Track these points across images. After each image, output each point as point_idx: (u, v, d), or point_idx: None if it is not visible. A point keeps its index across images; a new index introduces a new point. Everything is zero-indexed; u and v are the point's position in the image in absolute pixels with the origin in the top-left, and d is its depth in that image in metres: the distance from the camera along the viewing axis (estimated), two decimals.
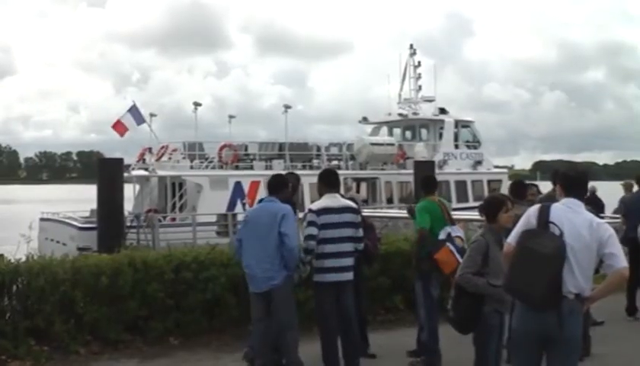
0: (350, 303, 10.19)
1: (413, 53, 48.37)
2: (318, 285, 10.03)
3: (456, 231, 10.65)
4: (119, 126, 35.35)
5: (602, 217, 10.03)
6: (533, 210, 7.12)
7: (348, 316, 10.20)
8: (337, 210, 10.03)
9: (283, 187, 10.14)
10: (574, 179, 7.21)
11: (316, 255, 9.85)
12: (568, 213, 6.91)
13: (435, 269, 10.51)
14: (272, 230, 9.54)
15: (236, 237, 10.03)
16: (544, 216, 6.92)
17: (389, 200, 38.83)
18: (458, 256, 10.22)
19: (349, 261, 10.06)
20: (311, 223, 9.86)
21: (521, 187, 11.74)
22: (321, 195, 10.29)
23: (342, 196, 10.66)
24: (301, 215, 10.78)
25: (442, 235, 10.51)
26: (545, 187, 12.70)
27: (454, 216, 11.47)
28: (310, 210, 10.04)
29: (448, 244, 10.41)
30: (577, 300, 6.78)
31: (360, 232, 10.22)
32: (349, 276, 10.06)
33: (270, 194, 10.02)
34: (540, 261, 6.71)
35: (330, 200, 10.11)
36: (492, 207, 8.73)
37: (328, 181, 10.41)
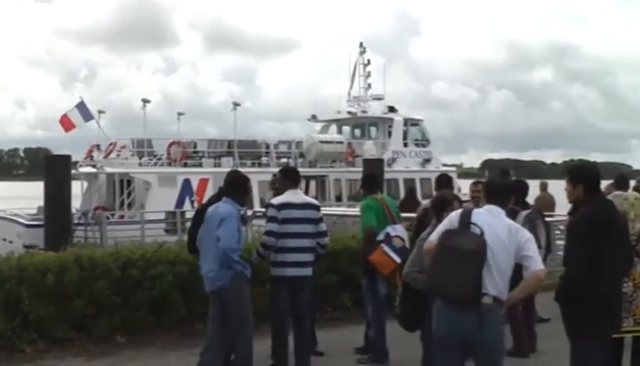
0: (306, 299, 10.24)
1: (363, 52, 48.43)
2: (275, 279, 10.05)
3: (397, 230, 10.67)
4: (65, 121, 35.02)
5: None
6: (455, 213, 7.23)
7: (303, 312, 10.25)
8: (299, 205, 10.09)
9: (236, 189, 9.98)
10: (496, 189, 7.43)
11: (276, 249, 9.90)
12: (488, 218, 7.01)
13: (374, 269, 10.57)
14: (216, 232, 9.54)
15: (198, 235, 9.99)
16: (466, 218, 7.01)
17: (338, 198, 38.88)
18: (394, 256, 10.29)
19: (309, 257, 10.12)
20: (271, 219, 9.92)
21: (446, 180, 11.73)
22: (283, 191, 10.32)
23: None
24: (250, 213, 10.81)
25: (380, 236, 10.56)
26: None
27: (401, 215, 11.54)
28: (271, 205, 10.12)
29: (382, 245, 10.45)
30: (497, 302, 6.85)
31: (322, 227, 10.29)
32: (308, 272, 10.12)
33: (227, 194, 9.84)
34: (462, 257, 6.77)
35: (292, 196, 10.16)
36: (439, 205, 8.82)
37: (290, 178, 10.48)
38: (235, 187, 9.88)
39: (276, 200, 10.14)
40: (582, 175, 7.70)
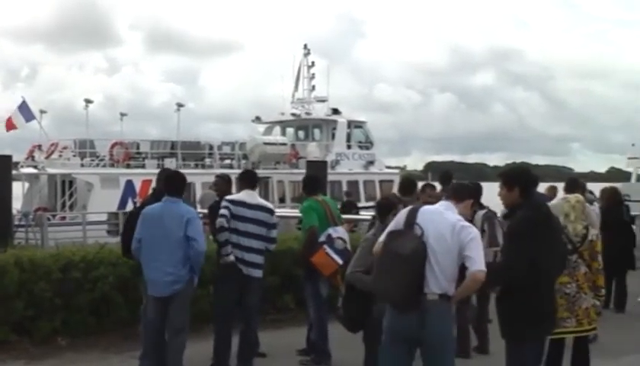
0: (254, 301, 10.30)
1: (307, 53, 48.57)
2: (226, 273, 10.08)
3: (338, 232, 10.73)
4: (8, 122, 34.70)
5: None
6: (404, 212, 7.31)
7: (250, 314, 10.31)
8: (252, 206, 10.22)
9: (180, 188, 9.97)
10: (459, 186, 7.64)
11: (232, 245, 10.01)
12: (435, 215, 7.11)
13: (316, 271, 10.63)
14: (177, 233, 9.34)
15: (136, 236, 9.66)
16: (411, 218, 7.09)
17: (281, 200, 38.92)
18: (336, 257, 10.36)
19: (257, 259, 10.21)
20: (224, 207, 10.12)
21: (410, 184, 11.85)
22: (239, 192, 10.53)
23: None
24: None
25: (322, 238, 10.62)
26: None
27: (342, 217, 11.62)
28: (225, 199, 10.32)
29: (324, 246, 10.51)
30: (442, 299, 6.94)
31: (273, 234, 10.40)
32: (256, 273, 10.19)
33: (169, 194, 9.68)
34: (399, 261, 6.87)
35: (246, 196, 10.30)
36: (383, 208, 8.92)
37: (246, 179, 10.65)
38: (183, 187, 9.89)
39: (231, 196, 10.43)
40: (517, 179, 7.78)
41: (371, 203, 37.69)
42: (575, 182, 12.25)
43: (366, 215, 20.44)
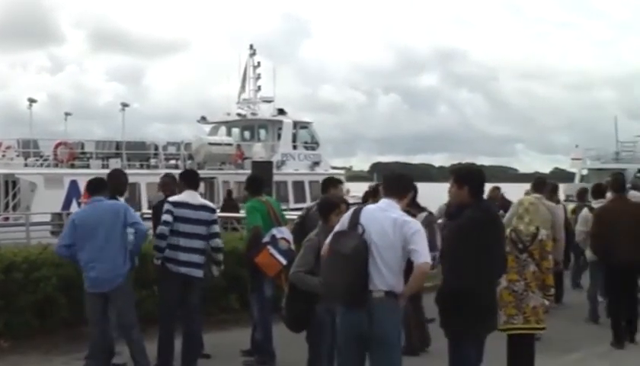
0: (197, 301, 10.31)
1: (253, 54, 48.61)
2: (166, 275, 10.08)
3: (282, 232, 10.77)
4: None
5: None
6: (348, 212, 7.40)
7: (194, 314, 10.31)
8: (194, 206, 10.24)
9: (104, 188, 10.11)
10: (390, 180, 7.58)
11: (169, 246, 10.02)
12: (377, 213, 7.19)
13: (260, 271, 10.66)
14: (115, 228, 9.56)
15: (63, 243, 9.79)
16: (355, 218, 7.18)
17: None
18: (280, 258, 10.40)
19: (200, 259, 10.23)
20: (167, 211, 10.10)
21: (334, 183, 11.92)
22: (181, 192, 10.51)
23: None
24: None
25: (266, 238, 10.65)
26: None
27: (288, 217, 11.66)
28: (168, 201, 10.31)
29: (268, 247, 10.54)
30: (389, 296, 7.02)
31: (214, 229, 10.44)
32: (198, 273, 10.20)
33: (94, 193, 9.94)
34: (341, 261, 6.97)
35: (188, 197, 10.31)
36: (325, 208, 8.98)
37: (188, 179, 10.67)
38: (97, 185, 10.05)
39: (173, 198, 10.37)
40: (468, 178, 7.90)
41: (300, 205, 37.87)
42: (542, 183, 12.46)
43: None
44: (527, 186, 15.88)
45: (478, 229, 7.57)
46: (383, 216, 7.15)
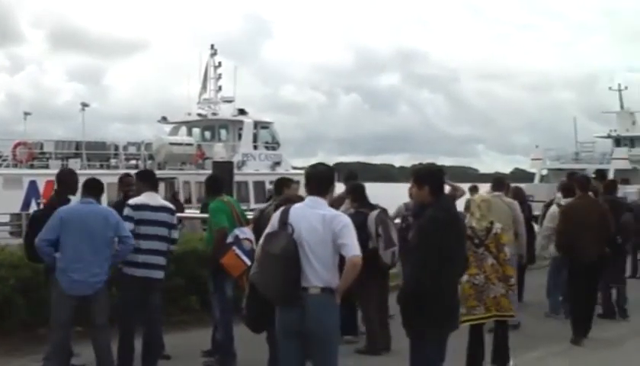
0: (158, 303, 10.24)
1: (214, 54, 48.51)
2: (125, 278, 10.00)
3: (245, 233, 10.74)
4: None
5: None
6: (277, 213, 7.42)
7: (154, 315, 10.24)
8: (154, 208, 10.15)
9: (101, 191, 9.98)
10: (312, 178, 7.52)
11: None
12: (305, 211, 7.22)
13: (222, 271, 10.62)
14: (104, 234, 9.44)
15: (46, 237, 9.46)
16: (284, 218, 7.22)
17: (187, 201, 38.69)
18: (245, 259, 10.36)
19: (161, 260, 10.13)
20: (127, 218, 9.91)
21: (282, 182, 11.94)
22: (140, 193, 10.36)
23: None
24: None
25: (230, 239, 10.61)
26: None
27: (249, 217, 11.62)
28: (128, 205, 10.15)
29: (234, 248, 10.49)
30: (325, 292, 7.06)
31: (174, 234, 10.41)
32: (159, 274, 10.11)
33: (86, 195, 9.76)
34: (272, 261, 7.06)
35: (148, 198, 10.20)
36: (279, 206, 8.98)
37: (147, 180, 10.56)
38: (94, 187, 9.86)
39: (133, 201, 10.22)
40: (428, 177, 7.92)
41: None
42: (501, 181, 13.14)
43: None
44: (488, 186, 16.06)
45: (439, 229, 7.58)
46: (311, 213, 7.19)
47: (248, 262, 10.34)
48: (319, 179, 7.50)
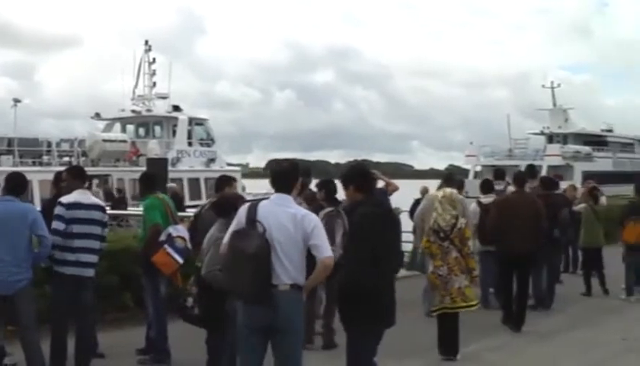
0: (89, 301, 10.10)
1: (148, 50, 48.18)
2: (56, 277, 9.87)
3: (179, 230, 10.68)
4: None
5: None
6: (243, 210, 7.37)
7: (86, 314, 10.11)
8: (87, 206, 9.97)
9: (23, 188, 9.85)
10: (278, 175, 7.49)
11: (61, 248, 9.70)
12: (274, 209, 7.19)
13: (156, 269, 10.55)
14: (21, 232, 9.24)
15: None
16: (251, 215, 7.19)
17: (122, 198, 38.38)
18: (177, 257, 10.33)
19: (92, 258, 9.98)
20: (58, 217, 9.74)
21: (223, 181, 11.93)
22: (71, 190, 10.13)
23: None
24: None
25: (162, 237, 10.54)
26: None
27: (183, 214, 11.57)
28: (60, 203, 9.91)
29: (166, 246, 10.44)
30: (294, 289, 7.11)
31: (105, 232, 10.26)
32: (90, 272, 9.97)
33: (8, 193, 9.57)
34: (244, 260, 7.00)
35: (80, 196, 10.00)
36: (226, 206, 9.03)
37: (77, 176, 10.40)
38: (17, 186, 9.71)
39: (65, 199, 9.97)
40: (350, 177, 8.06)
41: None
42: (450, 178, 13.25)
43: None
44: (423, 183, 16.32)
45: (370, 224, 7.68)
46: (280, 211, 7.18)
47: (180, 260, 10.34)
48: (284, 176, 7.48)
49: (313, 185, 13.00)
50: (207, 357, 9.17)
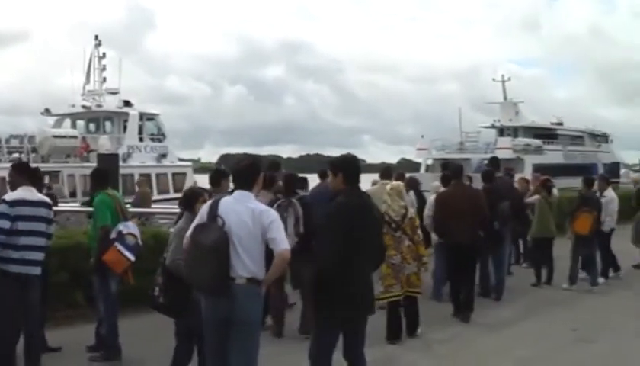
0: (37, 299, 9.99)
1: (98, 45, 47.84)
2: (2, 276, 9.76)
3: (129, 227, 10.63)
4: None
5: None
6: (206, 205, 7.65)
7: (33, 312, 10.00)
8: (33, 203, 9.81)
9: None
10: (238, 173, 7.76)
11: (5, 246, 9.53)
12: (235, 205, 7.45)
13: (107, 267, 10.49)
14: None
15: None
16: (213, 210, 7.45)
17: (72, 194, 38.12)
18: (128, 254, 10.32)
19: (39, 256, 9.85)
20: (2, 216, 9.55)
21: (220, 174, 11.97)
22: (16, 187, 9.98)
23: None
24: None
25: (113, 234, 10.49)
26: None
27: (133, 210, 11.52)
28: (4, 201, 9.74)
29: (116, 244, 10.40)
30: (251, 282, 7.32)
31: (51, 229, 10.13)
32: (37, 270, 9.85)
33: None
34: (203, 252, 7.24)
35: (26, 193, 9.84)
36: (190, 198, 9.29)
37: (24, 173, 10.17)
38: None
39: (9, 197, 9.80)
40: (341, 165, 8.23)
41: (166, 197, 37.60)
42: (389, 171, 14.39)
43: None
44: (375, 176, 16.42)
45: (342, 214, 7.85)
46: (241, 207, 7.41)
47: (131, 258, 10.32)
48: (245, 173, 7.69)
49: None
50: (176, 345, 9.18)
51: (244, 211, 7.36)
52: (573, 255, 17.02)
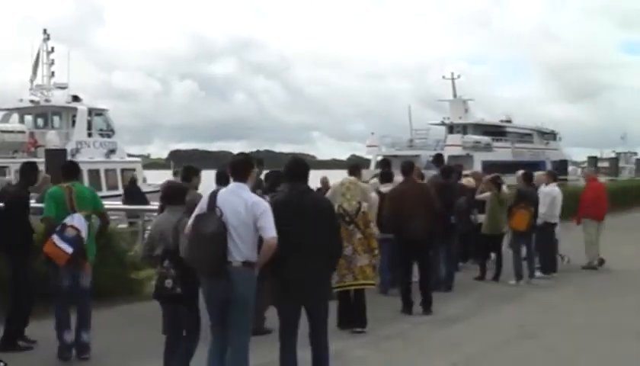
0: None
1: (46, 39, 47.42)
2: None
3: (74, 220, 10.51)
4: None
5: None
6: (205, 197, 8.43)
7: None
8: None
9: None
10: (234, 165, 8.56)
11: None
12: (231, 196, 8.25)
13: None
14: None
15: None
16: (212, 202, 8.24)
17: None
18: (64, 246, 10.24)
19: None
20: None
21: (191, 172, 12.22)
22: None
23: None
24: None
25: (58, 227, 10.43)
26: None
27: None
28: None
29: (53, 236, 10.32)
30: (246, 265, 8.15)
31: None
32: None
33: None
34: (204, 239, 8.04)
35: None
36: (178, 194, 9.48)
37: None
38: None
39: None
40: (288, 169, 9.13)
41: (115, 193, 37.35)
42: (357, 167, 14.44)
43: None
44: (325, 173, 16.60)
45: (278, 211, 8.41)
46: (235, 198, 8.23)
47: (69, 250, 10.21)
48: (240, 167, 8.53)
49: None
50: (185, 333, 9.14)
51: (239, 202, 8.18)
52: (514, 250, 17.53)
